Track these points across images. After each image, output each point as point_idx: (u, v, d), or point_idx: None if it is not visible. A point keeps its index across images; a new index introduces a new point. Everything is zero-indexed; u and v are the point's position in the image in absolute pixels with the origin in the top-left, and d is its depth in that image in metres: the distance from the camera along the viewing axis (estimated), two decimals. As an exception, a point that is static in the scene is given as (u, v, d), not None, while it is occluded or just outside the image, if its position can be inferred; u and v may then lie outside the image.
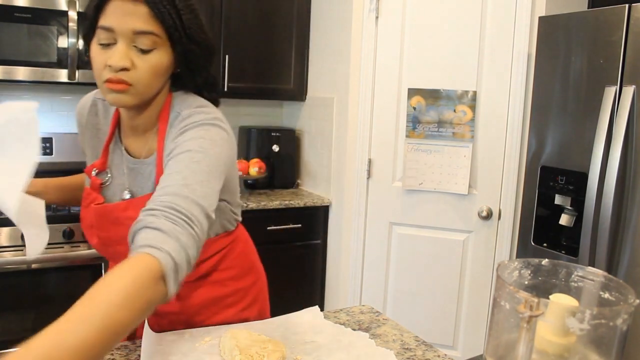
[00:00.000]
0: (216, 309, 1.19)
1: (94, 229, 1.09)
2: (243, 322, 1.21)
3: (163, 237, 0.77)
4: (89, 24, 0.96)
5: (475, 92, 2.39)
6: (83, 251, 2.24)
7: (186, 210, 0.82)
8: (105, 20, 0.93)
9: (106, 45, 0.94)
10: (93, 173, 1.10)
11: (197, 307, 1.17)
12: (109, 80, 0.93)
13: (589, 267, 0.79)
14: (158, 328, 1.13)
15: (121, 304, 0.68)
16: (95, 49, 0.95)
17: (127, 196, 1.06)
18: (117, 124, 1.11)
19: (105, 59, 0.93)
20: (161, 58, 0.96)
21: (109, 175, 1.10)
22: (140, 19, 0.92)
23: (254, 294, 1.27)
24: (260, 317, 1.28)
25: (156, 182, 1.00)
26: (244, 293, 1.24)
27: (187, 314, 1.16)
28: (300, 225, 2.76)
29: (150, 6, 0.92)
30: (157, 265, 0.74)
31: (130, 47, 0.93)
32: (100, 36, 0.94)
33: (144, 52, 0.94)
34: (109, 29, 0.93)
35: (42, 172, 3.27)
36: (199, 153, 0.92)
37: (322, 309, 1.25)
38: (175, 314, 1.15)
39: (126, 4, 0.92)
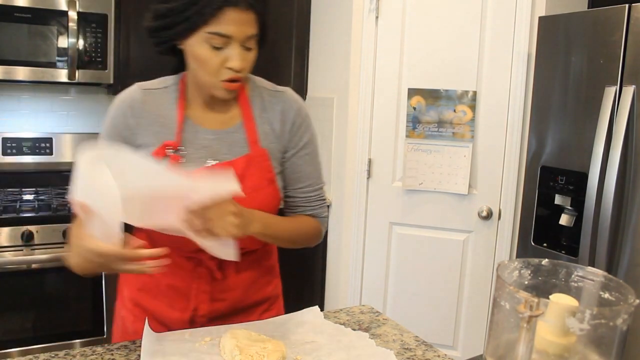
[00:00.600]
0: (262, 283, 1.28)
1: None
2: (276, 298, 1.34)
3: (323, 221, 1.31)
4: (188, 26, 1.06)
5: (475, 92, 2.39)
6: (83, 251, 2.24)
7: (325, 197, 1.31)
8: (220, 27, 1.04)
9: (218, 48, 1.07)
10: (170, 152, 1.16)
11: (249, 282, 1.25)
12: (229, 80, 1.09)
13: (589, 267, 0.79)
14: (209, 315, 1.20)
15: (303, 234, 1.25)
16: (206, 50, 1.07)
17: (212, 162, 1.17)
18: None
19: (221, 61, 1.08)
20: (256, 52, 1.13)
21: (184, 151, 1.19)
22: (251, 25, 1.08)
23: (278, 270, 1.38)
24: (280, 299, 1.38)
25: (249, 144, 1.19)
26: (275, 268, 1.35)
27: (241, 288, 1.23)
28: (300, 225, 2.76)
29: (257, 13, 1.08)
30: (321, 231, 1.30)
31: (242, 49, 1.08)
32: (214, 41, 1.06)
33: (248, 49, 1.10)
34: (226, 36, 1.05)
35: (42, 171, 3.22)
36: (318, 147, 1.29)
37: (322, 309, 1.25)
38: (230, 290, 1.22)
39: (242, 14, 1.05)
